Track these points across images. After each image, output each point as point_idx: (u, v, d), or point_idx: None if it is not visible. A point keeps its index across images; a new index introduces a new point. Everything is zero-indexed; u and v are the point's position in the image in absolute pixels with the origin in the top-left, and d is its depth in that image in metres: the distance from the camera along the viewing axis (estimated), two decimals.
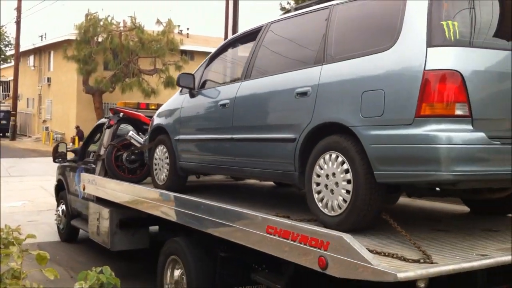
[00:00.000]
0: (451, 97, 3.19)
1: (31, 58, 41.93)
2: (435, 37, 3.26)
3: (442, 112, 3.18)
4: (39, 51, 40.18)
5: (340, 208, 3.58)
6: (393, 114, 3.32)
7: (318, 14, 4.27)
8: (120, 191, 6.16)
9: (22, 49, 37.85)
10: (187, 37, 38.92)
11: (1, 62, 72.98)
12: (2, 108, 46.00)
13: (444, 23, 3.29)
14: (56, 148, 9.00)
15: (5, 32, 76.21)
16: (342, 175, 3.57)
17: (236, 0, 13.89)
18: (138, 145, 6.77)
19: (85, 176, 7.37)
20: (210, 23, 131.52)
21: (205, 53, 36.35)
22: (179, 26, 37.52)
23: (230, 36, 12.68)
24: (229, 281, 4.53)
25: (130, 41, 29.62)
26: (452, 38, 3.27)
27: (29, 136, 37.46)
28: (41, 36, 48.63)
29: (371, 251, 3.12)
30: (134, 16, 30.04)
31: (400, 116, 3.28)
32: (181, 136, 5.51)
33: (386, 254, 3.17)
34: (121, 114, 7.41)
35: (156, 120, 6.04)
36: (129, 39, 29.71)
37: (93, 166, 7.59)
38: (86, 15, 29.67)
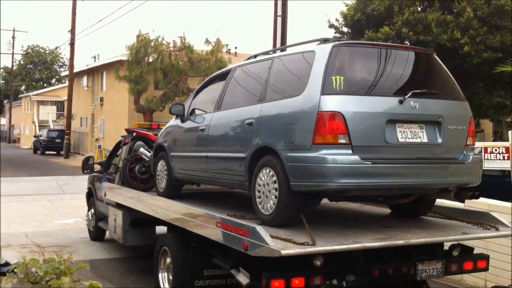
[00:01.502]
0: (336, 130, 4.59)
1: (85, 78, 43.14)
2: (326, 88, 4.66)
3: (330, 141, 4.59)
4: (92, 72, 41.32)
5: (271, 209, 5.00)
6: (300, 141, 4.73)
7: (265, 63, 5.75)
8: (130, 197, 7.64)
9: (76, 70, 39.02)
10: (235, 55, 39.21)
11: (56, 82, 75.59)
12: (57, 127, 47.46)
13: (333, 77, 4.68)
14: (85, 161, 10.68)
15: (60, 54, 79.25)
16: (272, 185, 4.97)
17: (284, 18, 13.88)
18: (147, 159, 8.04)
19: (106, 184, 8.95)
20: (257, 41, 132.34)
21: None
22: (227, 45, 37.87)
23: None
24: (199, 265, 5.90)
25: (180, 61, 30.05)
26: (338, 88, 4.67)
27: (82, 154, 38.40)
28: (94, 57, 50.20)
29: (273, 237, 4.45)
30: (184, 36, 30.52)
31: (303, 143, 4.68)
32: (174, 153, 6.89)
33: (283, 239, 4.54)
34: (134, 134, 9.05)
35: (158, 140, 7.48)
36: (179, 58, 30.15)
37: (114, 176, 9.11)
38: (138, 36, 30.32)
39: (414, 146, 4.93)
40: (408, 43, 14.91)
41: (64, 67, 77.31)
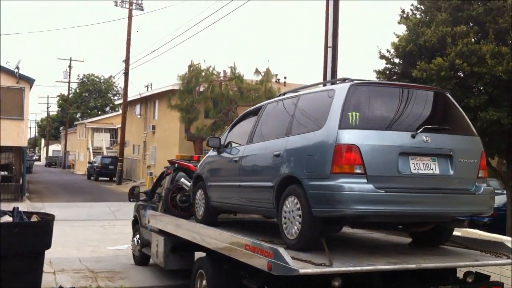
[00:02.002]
0: (352, 161, 5.06)
1: (138, 106, 44.26)
2: (343, 123, 5.17)
3: (346, 171, 5.06)
4: (145, 100, 42.36)
5: (295, 234, 5.43)
6: (320, 171, 5.19)
7: (292, 100, 6.33)
8: (170, 224, 8.22)
9: (129, 98, 40.09)
10: (284, 85, 39.44)
11: (110, 110, 77.78)
12: (110, 154, 48.66)
13: (349, 113, 5.20)
14: (131, 190, 11.32)
15: (114, 83, 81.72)
16: (296, 212, 5.40)
17: (335, 48, 13.91)
18: (188, 188, 8.57)
19: (150, 212, 9.45)
20: (307, 71, 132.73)
21: None
22: (276, 75, 38.19)
23: None
24: (231, 286, 6.37)
25: (230, 90, 30.47)
26: (354, 124, 5.18)
27: (134, 181, 39.19)
28: (147, 86, 51.50)
29: (294, 259, 4.92)
30: (234, 66, 30.99)
31: (323, 172, 5.14)
32: (211, 183, 7.41)
33: (303, 260, 4.98)
34: (176, 165, 9.66)
35: (197, 170, 8.02)
36: (229, 88, 30.58)
37: (157, 204, 9.67)
38: (189, 66, 30.98)
39: (426, 177, 5.35)
40: (462, 75, 14.67)
41: (118, 95, 79.63)
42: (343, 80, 5.76)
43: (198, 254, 7.96)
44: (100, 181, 41.27)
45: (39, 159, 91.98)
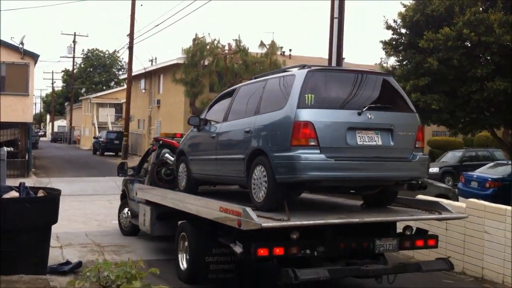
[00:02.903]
0: (308, 135, 6.02)
1: (142, 81, 44.08)
2: (301, 103, 6.14)
3: (303, 143, 6.02)
4: (150, 75, 42.17)
5: (262, 198, 6.42)
6: (282, 144, 6.17)
7: (260, 83, 7.33)
8: (157, 194, 9.17)
9: (134, 73, 39.87)
10: (290, 58, 39.19)
11: (115, 85, 77.57)
12: (115, 129, 48.69)
13: (306, 95, 6.16)
14: (120, 165, 12.19)
15: (118, 57, 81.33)
16: (263, 179, 6.38)
17: (341, 20, 13.71)
18: (171, 163, 9.52)
19: (137, 185, 10.36)
20: (313, 44, 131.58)
21: None
22: (281, 47, 37.81)
23: (333, 54, 12.48)
24: (209, 245, 7.32)
25: (235, 64, 30.22)
26: (309, 104, 6.13)
27: (139, 155, 39.16)
28: (151, 61, 51.14)
29: (259, 216, 5.90)
30: (239, 39, 30.65)
31: (284, 145, 6.12)
32: (192, 157, 8.36)
33: (266, 217, 5.96)
34: (161, 142, 10.52)
35: (180, 146, 8.96)
36: (234, 61, 30.33)
37: (144, 178, 10.61)
38: (194, 40, 30.68)
39: (370, 147, 6.32)
40: (469, 44, 14.47)
41: (122, 70, 79.34)
42: (303, 67, 6.67)
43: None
44: (105, 156, 41.38)
45: (44, 135, 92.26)
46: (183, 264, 7.83)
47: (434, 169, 24.94)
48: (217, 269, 7.34)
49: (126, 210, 11.48)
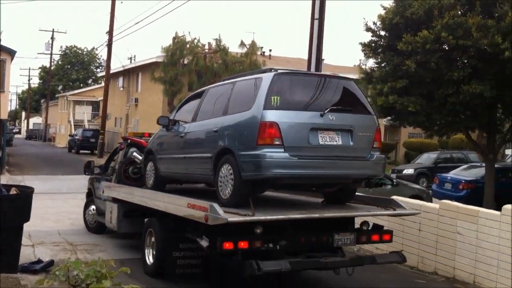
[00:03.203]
0: (273, 135, 6.30)
1: (121, 79, 43.71)
2: (267, 105, 6.41)
3: (268, 143, 6.30)
4: (128, 73, 41.83)
5: (228, 194, 6.67)
6: (248, 143, 6.42)
7: (229, 85, 7.58)
8: (124, 192, 9.31)
9: (112, 71, 39.49)
10: (269, 58, 39.18)
11: (93, 83, 76.83)
12: (92, 127, 48.16)
13: (272, 97, 6.43)
14: (87, 164, 12.30)
15: (97, 55, 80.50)
16: (230, 176, 6.61)
17: (321, 21, 13.73)
18: (139, 162, 9.67)
19: (105, 183, 10.49)
20: (294, 44, 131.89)
21: None
22: (262, 48, 37.81)
23: (312, 55, 12.49)
24: (176, 240, 7.60)
25: (215, 63, 30.16)
26: (275, 105, 6.42)
27: None
28: (130, 59, 50.76)
29: (226, 212, 6.17)
30: (219, 39, 30.63)
31: (251, 144, 6.37)
32: (160, 156, 8.55)
33: (232, 213, 6.23)
34: (129, 141, 10.68)
35: (148, 145, 9.16)
36: (214, 61, 30.26)
37: (111, 177, 10.64)
38: (174, 38, 30.53)
39: (331, 147, 6.66)
40: (447, 48, 14.61)
41: (100, 67, 78.55)
42: (270, 70, 6.95)
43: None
44: (81, 154, 40.86)
45: (19, 132, 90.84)
46: (150, 260, 8.04)
47: (409, 171, 25.20)
48: (184, 264, 7.62)
49: (92, 207, 11.53)
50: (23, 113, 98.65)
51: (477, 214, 8.39)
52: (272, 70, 6.86)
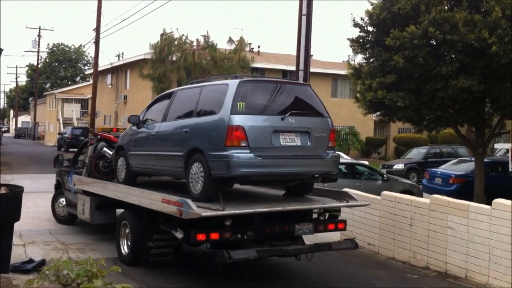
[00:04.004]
0: (239, 138, 6.93)
1: (109, 76, 43.50)
2: (233, 110, 7.01)
3: (235, 144, 6.92)
4: (116, 70, 41.64)
5: (199, 190, 7.27)
6: (217, 144, 7.03)
7: (197, 89, 8.18)
8: (97, 186, 9.84)
9: (100, 68, 39.25)
10: (258, 54, 39.18)
11: (81, 80, 76.38)
12: (81, 125, 47.91)
13: (238, 103, 7.05)
14: (56, 157, 12.84)
15: (84, 52, 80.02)
16: (200, 174, 7.24)
17: (309, 16, 13.73)
18: (109, 156, 10.22)
19: (75, 176, 10.96)
20: (282, 40, 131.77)
21: (275, 70, 36.39)
22: (250, 44, 37.80)
23: (301, 51, 12.47)
24: (150, 231, 8.36)
25: (203, 60, 30.11)
26: (241, 110, 7.03)
27: None
28: (118, 56, 50.53)
29: (198, 206, 6.81)
30: (207, 35, 30.59)
31: (219, 145, 6.99)
32: (131, 152, 9.09)
33: (204, 207, 6.84)
34: (99, 136, 11.24)
35: (119, 141, 9.70)
36: (202, 57, 30.21)
37: (81, 170, 11.16)
38: (162, 35, 30.42)
39: (291, 147, 7.34)
40: (435, 43, 14.68)
41: (88, 65, 78.12)
42: (235, 77, 7.62)
43: (119, 211, 9.63)
44: (70, 152, 40.53)
45: (7, 131, 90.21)
46: (125, 249, 8.75)
47: (399, 166, 25.33)
48: (157, 252, 8.42)
49: (61, 199, 12.07)
50: (11, 112, 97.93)
51: (468, 208, 8.47)
52: (238, 77, 7.54)
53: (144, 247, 8.35)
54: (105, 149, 10.52)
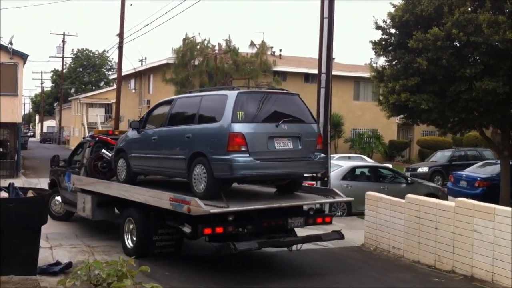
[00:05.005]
0: (240, 143, 7.79)
1: (132, 81, 43.90)
2: (234, 119, 7.86)
3: (236, 149, 7.78)
4: (140, 75, 42.00)
5: (202, 189, 8.12)
6: (219, 149, 7.87)
7: (196, 99, 9.11)
8: (99, 185, 10.59)
9: (123, 73, 39.63)
10: (280, 58, 39.16)
11: (105, 85, 77.14)
12: (105, 129, 48.41)
13: (238, 112, 7.91)
14: (53, 158, 13.60)
15: (108, 57, 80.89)
16: (203, 175, 8.10)
17: (331, 19, 13.72)
18: (108, 158, 10.97)
19: (75, 176, 11.68)
20: (303, 43, 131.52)
21: (297, 74, 36.36)
22: (272, 47, 37.84)
23: (323, 54, 12.47)
24: (156, 226, 9.15)
25: (225, 64, 30.20)
26: (240, 119, 7.89)
27: None
28: (141, 61, 50.89)
29: (206, 204, 7.66)
30: (229, 39, 30.66)
31: (222, 150, 7.84)
32: (132, 154, 9.89)
33: (211, 205, 7.73)
34: (97, 139, 11.98)
35: (119, 144, 10.47)
36: (224, 61, 30.30)
37: (77, 170, 12.06)
38: (184, 40, 30.61)
39: (285, 151, 8.27)
40: (458, 44, 14.56)
41: (112, 70, 78.95)
42: (233, 88, 8.63)
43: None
44: None
45: (33, 135, 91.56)
46: (129, 243, 9.50)
47: (423, 169, 25.10)
48: (161, 245, 9.23)
49: (57, 198, 12.91)
50: (37, 117, 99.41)
51: (494, 211, 8.37)
52: (235, 89, 8.51)
53: (150, 241, 9.11)
54: (103, 150, 11.25)
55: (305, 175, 9.55)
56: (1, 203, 7.23)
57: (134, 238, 9.36)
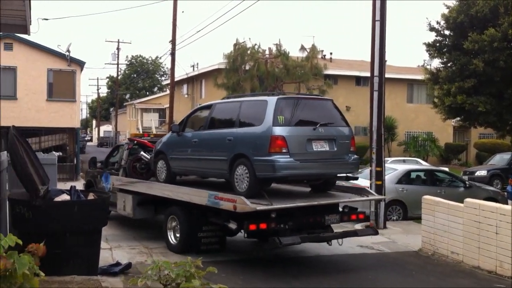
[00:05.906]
0: (281, 145, 8.32)
1: (185, 86, 44.61)
2: (275, 122, 8.40)
3: (277, 151, 8.29)
4: (192, 80, 42.65)
5: (245, 188, 8.57)
6: (262, 151, 8.37)
7: (236, 104, 9.64)
8: (140, 185, 11.25)
9: (176, 78, 40.34)
10: (330, 61, 38.97)
11: (158, 90, 78.73)
12: (159, 133, 49.28)
13: (278, 116, 8.45)
14: (91, 160, 14.35)
15: (161, 63, 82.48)
16: (245, 175, 8.57)
17: (383, 22, 13.59)
18: (146, 159, 11.59)
19: (114, 177, 12.33)
20: (355, 46, 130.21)
21: (348, 77, 36.09)
22: (322, 51, 37.70)
23: (375, 57, 12.37)
24: (200, 223, 9.70)
25: (276, 68, 30.32)
26: (281, 123, 8.43)
27: None
28: (193, 66, 51.77)
29: (251, 202, 8.15)
30: (279, 44, 30.81)
31: (264, 152, 8.33)
32: (172, 156, 10.47)
33: (255, 203, 8.20)
34: (135, 142, 12.60)
35: (158, 147, 11.05)
36: (275, 65, 30.43)
37: (114, 171, 12.71)
38: (235, 45, 30.94)
39: (322, 152, 8.81)
40: None
41: (165, 75, 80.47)
42: (272, 94, 9.22)
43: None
44: None
45: (91, 140, 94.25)
46: (173, 240, 10.10)
47: (481, 172, 24.40)
48: (206, 242, 9.74)
49: None
50: (94, 121, 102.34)
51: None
52: (275, 94, 9.10)
53: (196, 237, 9.65)
54: (142, 153, 11.84)
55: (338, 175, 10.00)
56: (65, 205, 7.52)
57: (178, 235, 9.93)
